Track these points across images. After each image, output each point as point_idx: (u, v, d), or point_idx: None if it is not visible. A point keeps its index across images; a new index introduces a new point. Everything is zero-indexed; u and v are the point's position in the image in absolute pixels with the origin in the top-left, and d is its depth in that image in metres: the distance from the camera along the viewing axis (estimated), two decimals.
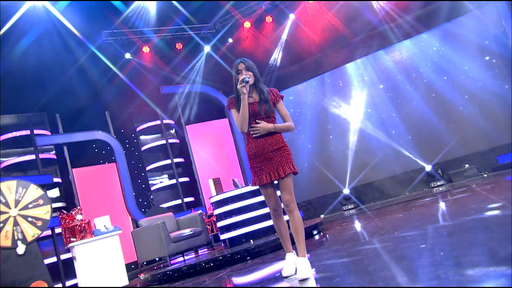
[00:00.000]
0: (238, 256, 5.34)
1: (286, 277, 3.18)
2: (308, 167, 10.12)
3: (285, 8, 9.80)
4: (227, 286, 3.98)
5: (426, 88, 8.96)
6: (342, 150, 9.78)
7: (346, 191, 9.53)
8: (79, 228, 5.68)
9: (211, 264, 5.31)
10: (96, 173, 8.56)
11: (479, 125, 8.35)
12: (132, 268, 7.96)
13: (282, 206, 3.26)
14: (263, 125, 3.13)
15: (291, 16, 9.86)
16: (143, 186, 9.54)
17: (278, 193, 3.27)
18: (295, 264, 3.18)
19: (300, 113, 10.35)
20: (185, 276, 5.27)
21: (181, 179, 9.82)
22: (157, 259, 7.17)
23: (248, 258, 5.32)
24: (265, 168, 3.17)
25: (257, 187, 3.22)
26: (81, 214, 5.96)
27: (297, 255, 3.19)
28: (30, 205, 5.26)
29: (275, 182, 3.23)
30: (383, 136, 9.32)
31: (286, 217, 3.24)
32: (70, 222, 5.69)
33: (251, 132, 3.14)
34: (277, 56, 10.33)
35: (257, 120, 3.17)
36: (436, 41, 8.86)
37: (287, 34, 10.08)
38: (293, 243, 3.29)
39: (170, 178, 10.13)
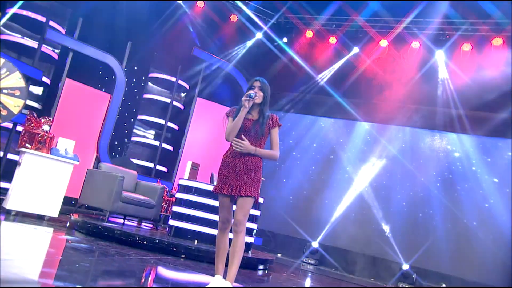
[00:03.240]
0: (175, 249, 5.38)
1: None
2: (290, 203, 10.16)
3: (348, 40, 9.87)
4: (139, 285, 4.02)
5: (444, 187, 8.97)
6: (330, 204, 9.80)
7: (315, 244, 9.54)
8: (40, 138, 5.73)
9: (145, 243, 5.35)
10: (88, 94, 8.63)
11: (477, 253, 8.36)
12: (70, 204, 7.99)
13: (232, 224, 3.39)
14: (247, 145, 3.32)
15: (355, 49, 9.92)
16: (126, 131, 9.61)
17: (234, 207, 3.39)
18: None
19: (310, 146, 10.39)
20: (114, 240, 5.31)
21: (165, 145, 9.88)
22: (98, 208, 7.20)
23: (183, 256, 5.36)
24: (231, 180, 3.36)
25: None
26: (50, 126, 6.01)
27: (224, 278, 3.27)
28: (5, 91, 5.32)
29: (235, 198, 3.37)
30: (378, 212, 9.33)
31: (230, 236, 3.34)
32: (34, 128, 5.74)
33: (233, 143, 3.34)
34: (323, 78, 10.38)
35: (244, 137, 3.35)
36: (477, 149, 8.89)
37: (342, 63, 10.14)
38: (226, 265, 3.37)
39: (155, 138, 10.20)
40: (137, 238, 5.37)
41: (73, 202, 8.11)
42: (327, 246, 9.55)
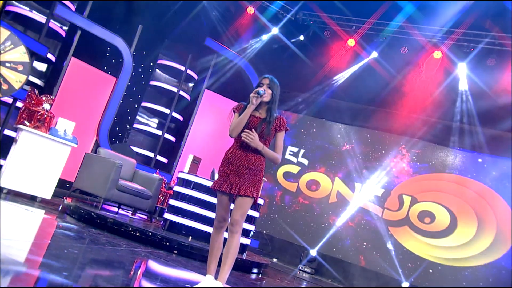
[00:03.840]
0: (167, 243, 5.40)
1: None
2: (291, 208, 10.15)
3: (368, 44, 9.86)
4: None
5: (454, 209, 8.93)
6: (332, 213, 9.78)
7: (313, 252, 9.52)
8: (39, 117, 5.76)
9: (137, 234, 5.37)
10: (93, 76, 8.65)
11: (478, 276, 8.31)
12: (64, 187, 8.04)
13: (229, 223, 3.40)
14: (256, 139, 3.33)
15: (374, 54, 9.89)
16: (128, 118, 9.63)
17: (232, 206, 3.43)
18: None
19: (316, 151, 10.36)
20: (105, 229, 5.34)
21: (167, 136, 9.90)
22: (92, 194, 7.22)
23: (175, 252, 5.37)
24: (231, 178, 3.38)
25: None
26: (51, 105, 6.04)
27: (215, 278, 3.30)
28: (8, 64, 5.35)
29: (234, 197, 3.40)
30: (381, 226, 9.30)
31: (226, 235, 3.36)
32: (35, 105, 5.77)
33: (243, 134, 3.34)
34: (338, 80, 10.34)
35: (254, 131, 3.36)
36: (493, 171, 8.80)
37: (359, 67, 10.10)
38: (219, 265, 3.39)
39: (158, 127, 10.22)
40: (130, 229, 5.39)
41: (67, 185, 8.15)
42: (325, 255, 9.53)
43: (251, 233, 6.64)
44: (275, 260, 9.46)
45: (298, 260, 9.48)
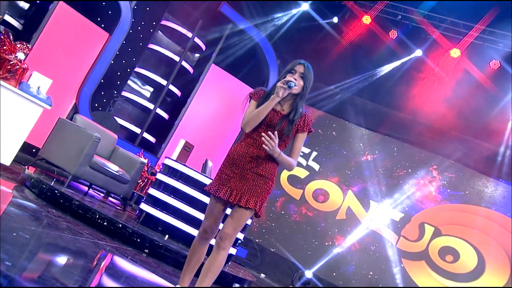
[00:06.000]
0: (139, 240, 5.30)
1: None
2: (289, 219, 10.08)
3: (411, 39, 9.74)
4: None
5: (485, 248, 8.84)
6: (337, 232, 9.71)
7: (309, 274, 9.46)
8: (10, 67, 5.64)
9: (105, 224, 5.27)
10: (82, 27, 8.55)
11: None
12: (29, 152, 7.93)
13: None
14: (275, 146, 3.07)
15: (418, 52, 9.74)
16: (118, 82, 9.52)
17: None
18: None
19: (329, 155, 10.26)
20: (68, 211, 5.23)
21: (160, 111, 9.82)
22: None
23: (146, 251, 5.28)
24: (233, 182, 3.17)
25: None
26: (26, 55, 5.92)
27: None
28: None
29: (231, 206, 3.24)
30: (393, 255, 9.22)
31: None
32: (6, 52, 5.65)
33: (263, 138, 3.07)
34: (370, 77, 10.20)
35: (265, 133, 3.09)
36: None
37: (398, 65, 9.95)
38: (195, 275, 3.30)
39: (150, 99, 10.12)
40: (97, 216, 5.28)
41: (33, 150, 8.05)
42: (322, 279, 9.47)
43: (239, 241, 6.55)
44: (262, 275, 9.40)
45: (289, 280, 9.43)
